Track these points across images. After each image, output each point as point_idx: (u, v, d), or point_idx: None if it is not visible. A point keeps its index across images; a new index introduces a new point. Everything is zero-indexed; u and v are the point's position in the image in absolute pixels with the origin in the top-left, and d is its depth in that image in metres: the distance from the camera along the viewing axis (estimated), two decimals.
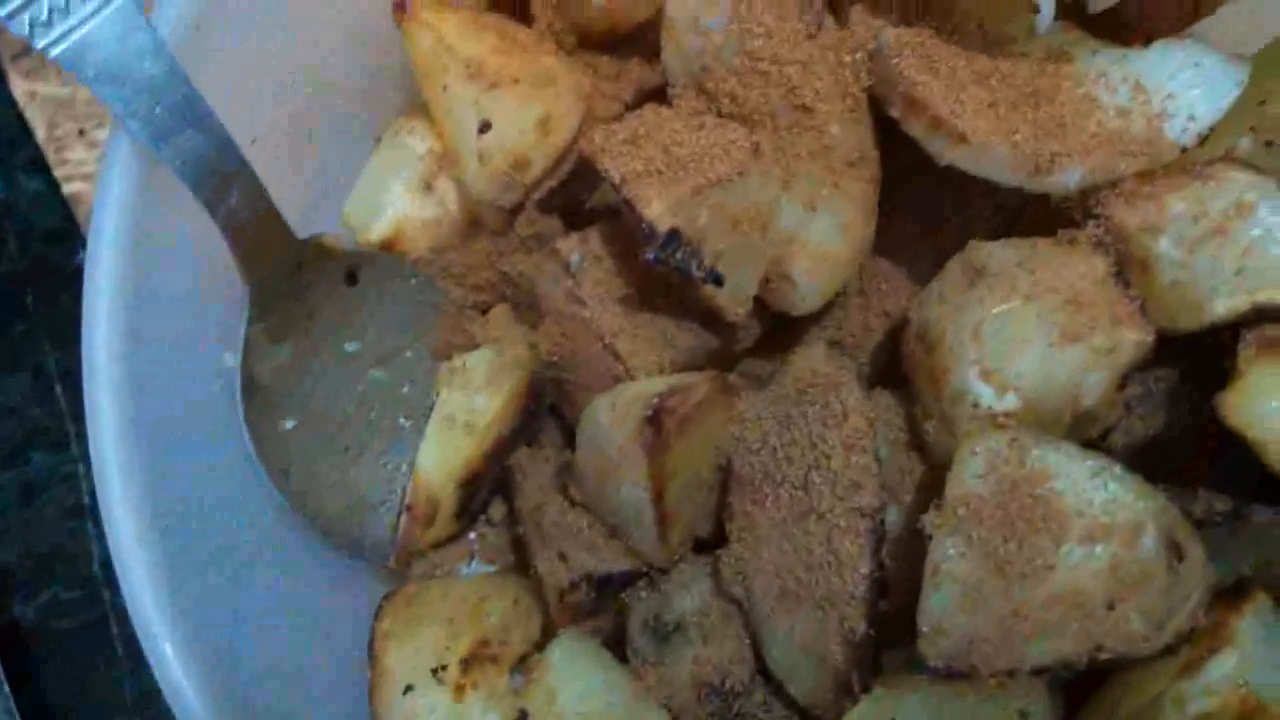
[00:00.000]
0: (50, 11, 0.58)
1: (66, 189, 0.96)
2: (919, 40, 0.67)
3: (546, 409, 0.76)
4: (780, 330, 0.77)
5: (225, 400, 0.69)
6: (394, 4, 0.71)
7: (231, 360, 0.69)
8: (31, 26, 0.58)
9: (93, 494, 0.93)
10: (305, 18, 0.72)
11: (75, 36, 0.59)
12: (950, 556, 0.60)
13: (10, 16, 0.59)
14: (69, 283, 0.97)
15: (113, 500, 0.62)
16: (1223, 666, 0.61)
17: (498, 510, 0.77)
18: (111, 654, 0.90)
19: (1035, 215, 0.71)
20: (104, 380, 0.63)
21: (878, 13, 0.68)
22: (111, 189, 0.63)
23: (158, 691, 0.87)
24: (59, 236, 0.98)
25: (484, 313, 0.77)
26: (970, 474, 0.62)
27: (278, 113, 0.72)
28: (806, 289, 0.71)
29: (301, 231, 0.71)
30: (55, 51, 0.59)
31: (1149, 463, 0.68)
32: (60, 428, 0.96)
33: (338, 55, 0.75)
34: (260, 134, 0.69)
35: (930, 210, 0.77)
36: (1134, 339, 0.62)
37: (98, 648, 0.91)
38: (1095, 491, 0.61)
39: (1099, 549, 0.59)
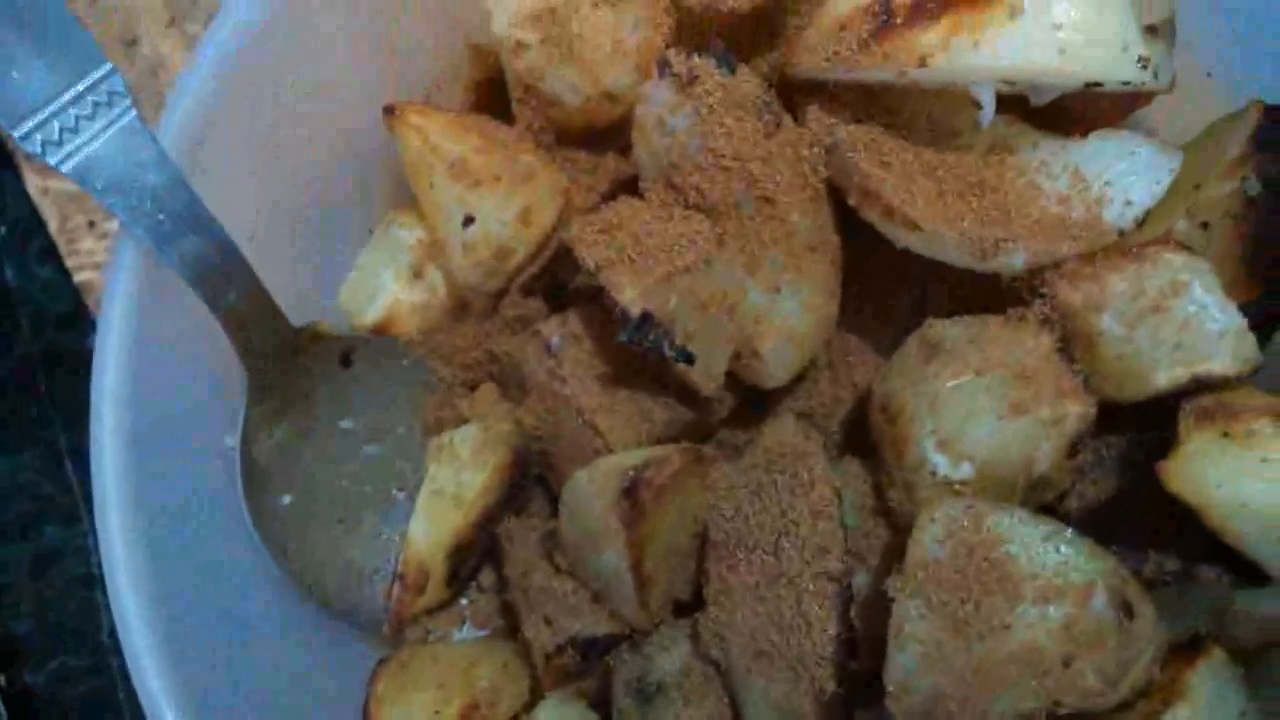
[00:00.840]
0: (61, 131, 0.63)
1: (77, 277, 1.01)
2: (871, 136, 0.72)
3: (533, 480, 0.80)
4: (753, 401, 0.81)
5: (226, 479, 0.73)
6: (384, 108, 0.77)
7: (231, 441, 0.73)
8: (44, 145, 0.63)
9: (101, 565, 0.96)
10: (301, 123, 0.78)
11: (84, 152, 0.64)
12: (912, 618, 0.64)
13: (25, 137, 0.64)
14: (79, 366, 1.01)
15: (119, 578, 0.66)
16: (1177, 718, 0.65)
17: (487, 577, 0.80)
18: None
19: (988, 291, 0.75)
20: (110, 462, 0.67)
21: (832, 111, 0.73)
22: (118, 286, 0.68)
23: None
24: (70, 322, 1.03)
25: (472, 390, 0.81)
26: (930, 539, 0.65)
27: (275, 210, 0.77)
28: (775, 365, 0.75)
29: (300, 317, 0.76)
30: (66, 167, 0.64)
31: (1103, 525, 0.72)
32: (71, 503, 1.00)
33: (332, 155, 0.80)
34: (259, 231, 0.74)
35: (891, 288, 0.82)
36: (1077, 411, 0.66)
37: (105, 714, 0.93)
38: (1048, 554, 0.64)
39: (1052, 609, 0.63)
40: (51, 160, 0.63)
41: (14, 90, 0.62)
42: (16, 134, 0.62)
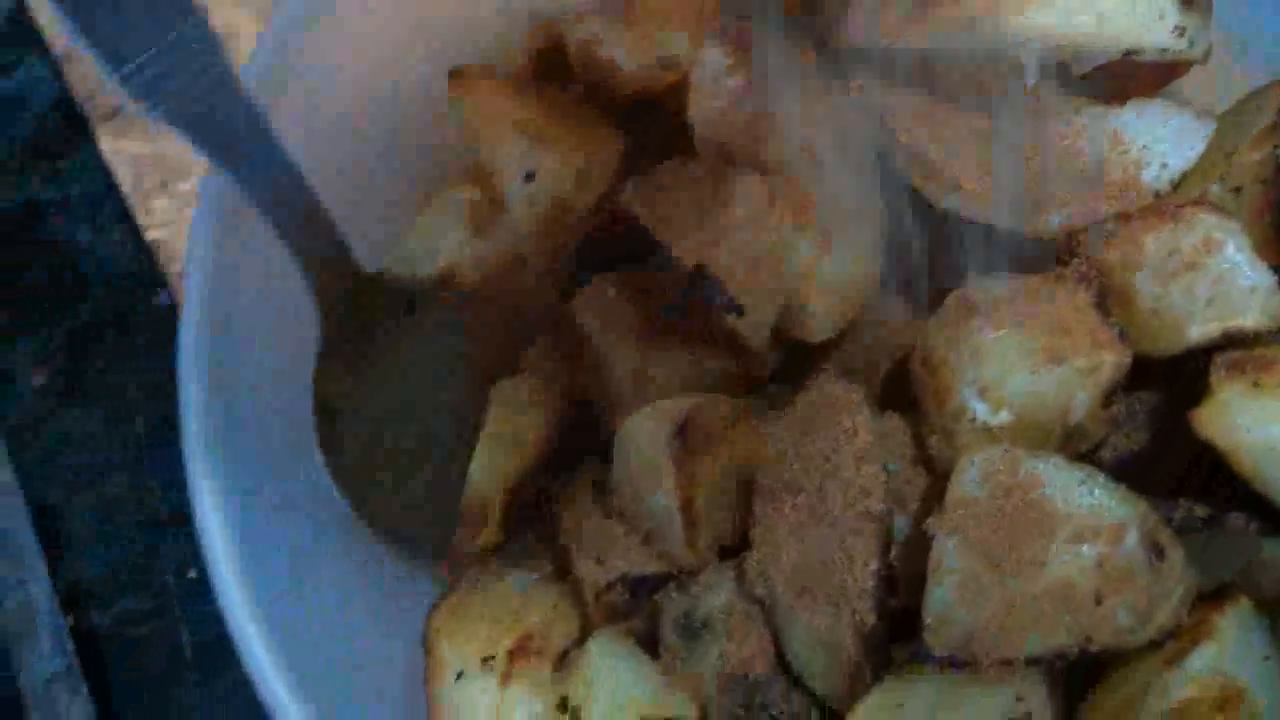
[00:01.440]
0: (156, 77, 0.66)
1: (149, 235, 1.05)
2: (916, 100, 0.75)
3: (583, 427, 0.84)
4: (797, 358, 0.84)
5: (300, 419, 0.77)
6: (450, 71, 0.81)
7: (306, 385, 0.77)
8: (141, 88, 0.67)
9: (168, 513, 1.00)
10: (371, 81, 0.82)
11: (177, 98, 0.67)
12: (950, 554, 0.67)
13: (126, 79, 0.67)
14: (149, 322, 1.06)
15: (204, 510, 0.69)
16: (1204, 657, 0.67)
17: (540, 520, 0.84)
18: (181, 659, 0.97)
19: (1026, 254, 0.78)
20: (195, 397, 0.71)
21: (879, 76, 0.76)
22: (203, 226, 0.72)
23: (224, 696, 0.95)
24: (141, 280, 1.07)
25: (528, 340, 0.85)
26: (968, 481, 0.68)
27: (347, 162, 0.81)
28: (821, 319, 0.78)
29: (370, 266, 0.80)
30: (158, 112, 0.67)
31: (1134, 476, 0.75)
32: (138, 454, 1.04)
33: (397, 119, 0.84)
34: (333, 178, 0.78)
35: (936, 245, 0.85)
36: (1112, 360, 0.69)
37: (168, 651, 0.98)
38: (1082, 497, 0.67)
39: (1085, 548, 0.66)
40: (147, 102, 0.67)
41: (114, 34, 0.65)
42: (119, 75, 0.65)
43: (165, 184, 1.05)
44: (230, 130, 0.69)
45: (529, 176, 0.79)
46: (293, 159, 0.71)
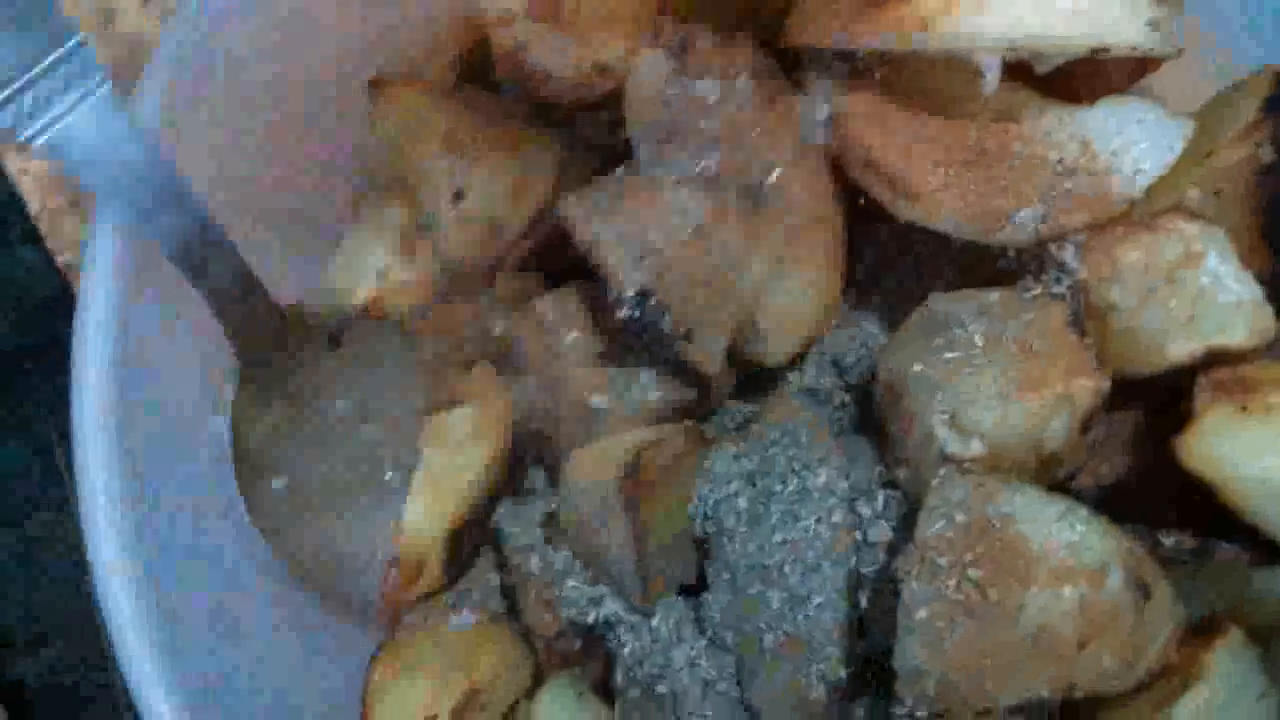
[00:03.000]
0: (33, 104, 0.61)
1: (60, 259, 0.98)
2: (871, 105, 0.70)
3: (531, 460, 0.78)
4: (754, 378, 0.79)
5: (216, 464, 0.71)
6: (369, 81, 0.74)
7: (220, 424, 0.71)
8: (15, 119, 0.61)
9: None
10: (282, 97, 0.75)
11: (57, 127, 0.61)
12: (922, 600, 0.62)
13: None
14: (65, 350, 0.99)
15: (105, 568, 0.63)
16: (1195, 700, 0.63)
17: (486, 559, 0.79)
18: (114, 710, 0.91)
19: (992, 264, 0.73)
20: (94, 449, 0.65)
21: (832, 79, 0.71)
22: (97, 266, 0.66)
23: None
24: (54, 305, 1.00)
25: (466, 369, 0.79)
26: (938, 518, 0.63)
27: (258, 187, 0.75)
28: (775, 342, 0.73)
29: (288, 297, 0.74)
30: (38, 142, 0.61)
31: (1116, 503, 0.70)
32: (60, 490, 0.98)
33: (316, 130, 0.78)
34: (242, 208, 0.71)
35: (898, 259, 0.80)
36: (1090, 387, 0.64)
37: (100, 705, 0.92)
38: (1061, 534, 0.62)
39: (1066, 590, 0.61)
40: (23, 135, 0.61)
41: None
42: None
43: (75, 203, 0.98)
44: (117, 161, 0.62)
45: (458, 195, 0.73)
46: (190, 189, 0.65)
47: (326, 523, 0.74)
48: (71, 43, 0.63)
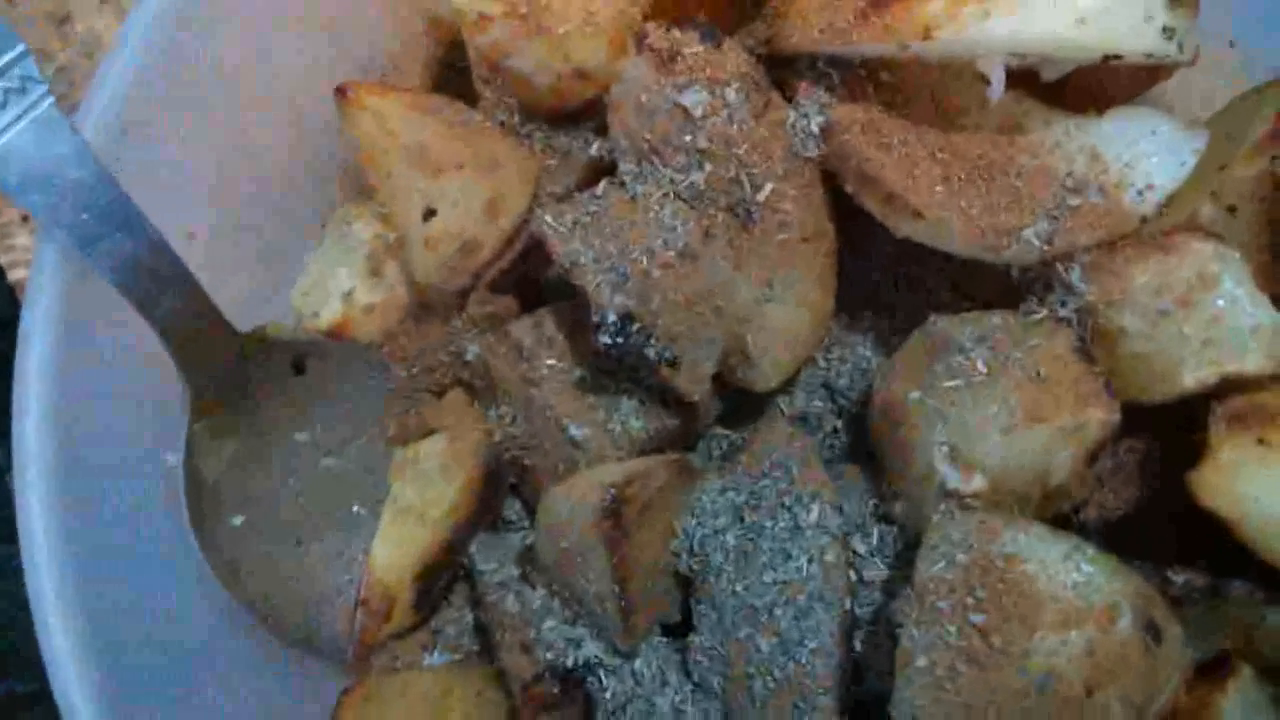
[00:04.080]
0: None
1: (11, 276, 0.93)
2: (869, 116, 0.66)
3: (505, 492, 0.74)
4: (744, 401, 0.75)
5: (167, 501, 0.66)
6: (335, 89, 0.70)
7: (173, 459, 0.66)
8: None
9: None
10: (243, 108, 0.71)
11: None
12: (921, 646, 0.58)
13: None
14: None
15: (47, 613, 0.60)
16: None
17: (459, 594, 0.74)
18: None
19: (996, 283, 0.70)
20: (34, 486, 0.62)
21: (826, 89, 0.67)
22: (40, 293, 0.62)
23: None
24: (5, 325, 0.95)
25: (438, 396, 0.75)
26: (938, 559, 0.60)
27: (216, 205, 0.70)
28: (766, 367, 0.69)
29: (247, 321, 0.69)
30: None
31: (1123, 536, 0.67)
32: (10, 519, 0.93)
33: (279, 142, 0.74)
34: (198, 228, 0.67)
35: (894, 277, 0.76)
36: (1100, 418, 0.60)
37: None
38: (1068, 574, 0.59)
39: (1074, 634, 0.58)
40: None
41: None
42: None
43: (26, 218, 0.93)
44: (60, 182, 0.58)
45: (428, 212, 0.69)
46: (138, 210, 0.61)
47: (289, 561, 0.69)
48: (12, 54, 0.58)
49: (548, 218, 0.66)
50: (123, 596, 0.63)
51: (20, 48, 0.59)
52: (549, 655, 0.68)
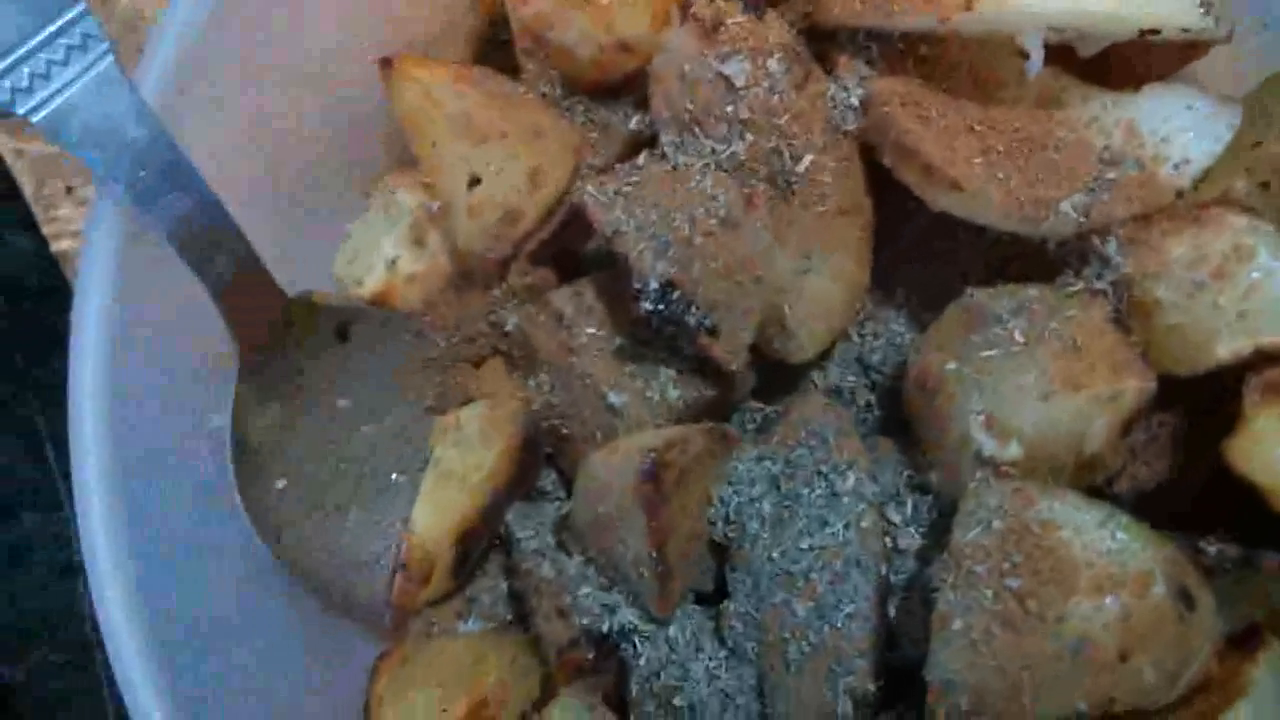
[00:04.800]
0: (31, 77, 0.58)
1: (55, 246, 0.95)
2: (908, 89, 0.67)
3: (542, 460, 0.75)
4: (778, 375, 0.76)
5: (214, 462, 0.68)
6: (380, 60, 0.71)
7: (220, 421, 0.68)
8: (13, 93, 0.58)
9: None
10: (291, 76, 0.72)
11: (57, 102, 0.58)
12: (957, 610, 0.59)
13: None
14: (58, 341, 0.95)
15: (100, 567, 0.61)
16: (1237, 716, 0.60)
17: (495, 564, 0.75)
18: (102, 713, 0.88)
19: (1032, 256, 0.70)
20: (90, 445, 0.62)
21: (866, 62, 0.68)
22: (97, 251, 0.63)
23: None
24: (48, 294, 0.97)
25: (477, 365, 0.76)
26: (975, 525, 0.60)
27: (265, 171, 0.71)
28: (803, 338, 0.70)
29: (291, 288, 0.70)
30: (37, 117, 0.58)
31: (1156, 508, 0.67)
32: (51, 487, 0.94)
33: (326, 112, 0.75)
34: (247, 193, 0.68)
35: (928, 252, 0.77)
36: (1136, 386, 0.61)
37: (89, 711, 0.88)
38: (1103, 541, 0.60)
39: (1109, 600, 0.58)
40: (20, 109, 0.58)
41: None
42: None
43: (71, 190, 0.94)
44: (119, 139, 0.59)
45: (473, 181, 0.70)
46: (195, 169, 0.62)
47: (331, 524, 0.70)
48: (73, 12, 0.60)
49: (590, 188, 0.67)
50: (174, 560, 0.64)
51: (81, 5, 0.60)
52: (584, 621, 0.69)
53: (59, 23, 0.59)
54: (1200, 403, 0.68)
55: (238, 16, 0.68)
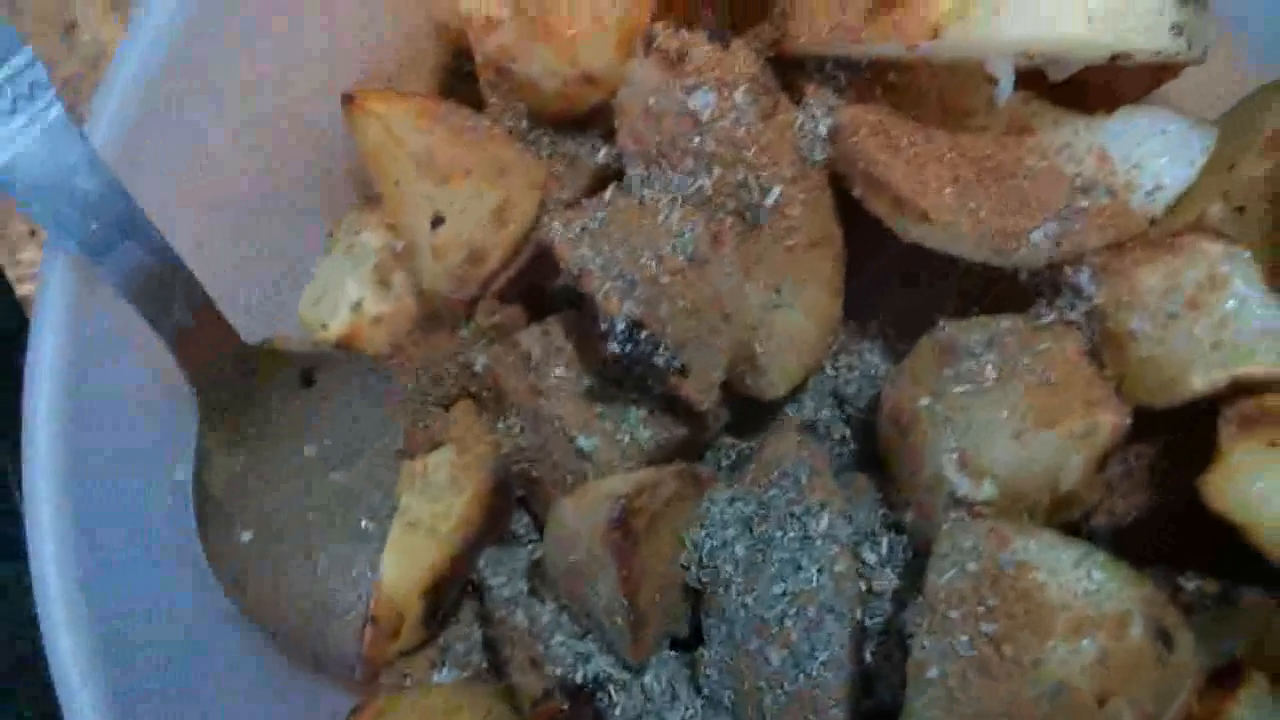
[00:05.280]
0: None
1: (19, 291, 0.93)
2: (876, 118, 0.65)
3: (514, 505, 0.74)
4: (752, 410, 0.75)
5: (176, 515, 0.66)
6: (342, 96, 0.69)
7: (183, 473, 0.66)
8: None
9: None
10: (251, 115, 0.70)
11: (5, 155, 0.57)
12: (932, 657, 0.58)
13: None
14: (20, 386, 0.94)
15: (54, 619, 0.60)
16: None
17: (469, 610, 0.74)
18: None
19: (1005, 285, 0.69)
20: (45, 500, 0.61)
21: (833, 90, 0.67)
22: (48, 304, 0.62)
23: None
24: (13, 338, 0.95)
25: (446, 407, 0.74)
26: (949, 567, 0.59)
27: (225, 214, 0.70)
28: (774, 374, 0.69)
29: (255, 332, 0.69)
30: None
31: (1134, 541, 0.67)
32: (20, 535, 0.93)
33: (287, 150, 0.73)
34: (206, 237, 0.67)
35: (903, 280, 0.76)
36: (1110, 422, 0.60)
37: None
38: (1079, 581, 0.59)
39: (1086, 642, 0.57)
40: None
41: None
42: None
43: (34, 232, 0.93)
44: (69, 191, 0.58)
45: (436, 220, 0.69)
46: (147, 219, 0.61)
47: (297, 575, 0.69)
48: (20, 60, 0.58)
49: (556, 224, 0.66)
50: (132, 613, 0.63)
51: (28, 54, 0.59)
52: (558, 671, 0.68)
53: (5, 72, 0.58)
54: (1178, 433, 0.67)
55: (194, 57, 0.67)
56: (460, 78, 0.78)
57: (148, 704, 0.61)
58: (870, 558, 0.66)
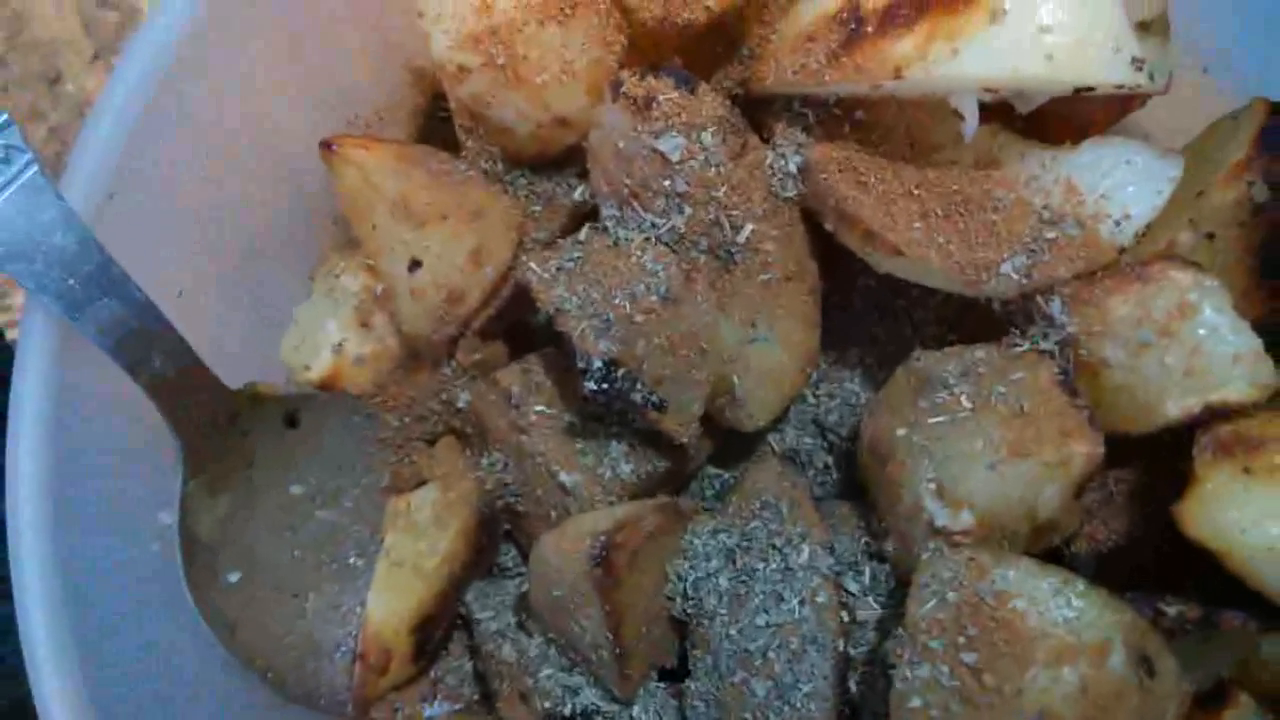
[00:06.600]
0: None
1: (10, 335, 0.94)
2: (845, 154, 0.66)
3: (500, 539, 0.75)
4: (735, 439, 0.75)
5: (163, 560, 0.67)
6: (320, 143, 0.70)
7: (168, 519, 0.67)
8: None
9: None
10: (230, 163, 0.71)
11: None
12: (915, 687, 0.58)
13: None
14: None
15: (44, 679, 0.60)
16: None
17: (459, 642, 0.75)
18: None
19: (978, 315, 0.70)
20: (29, 551, 0.62)
21: (802, 129, 0.67)
22: (29, 359, 0.62)
23: None
24: (4, 384, 0.96)
25: (430, 444, 0.75)
26: (929, 598, 0.60)
27: (205, 261, 0.71)
28: (753, 406, 0.70)
29: (238, 376, 0.70)
30: None
31: (1115, 567, 0.67)
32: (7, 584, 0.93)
33: (266, 196, 0.74)
34: (187, 286, 0.68)
35: (880, 309, 0.77)
36: (1084, 452, 0.60)
37: None
38: (1059, 609, 0.59)
39: (1067, 671, 0.57)
40: None
41: None
42: None
43: None
44: (46, 249, 0.59)
45: (414, 264, 0.69)
46: (124, 274, 0.61)
47: (286, 615, 0.70)
48: None
49: (532, 265, 0.67)
50: (120, 656, 0.64)
51: (3, 116, 0.60)
52: (546, 704, 0.68)
53: None
54: (1157, 458, 0.67)
55: (173, 108, 0.68)
56: (439, 121, 0.79)
57: None
58: (853, 587, 0.66)
